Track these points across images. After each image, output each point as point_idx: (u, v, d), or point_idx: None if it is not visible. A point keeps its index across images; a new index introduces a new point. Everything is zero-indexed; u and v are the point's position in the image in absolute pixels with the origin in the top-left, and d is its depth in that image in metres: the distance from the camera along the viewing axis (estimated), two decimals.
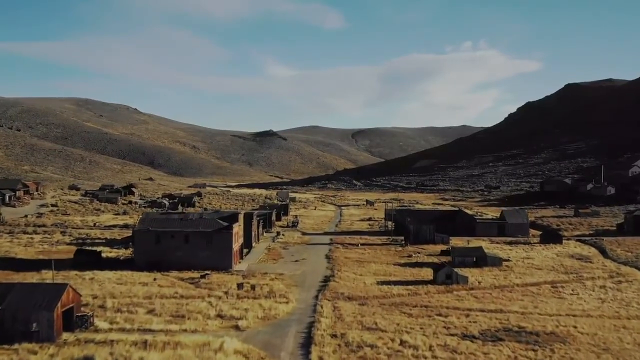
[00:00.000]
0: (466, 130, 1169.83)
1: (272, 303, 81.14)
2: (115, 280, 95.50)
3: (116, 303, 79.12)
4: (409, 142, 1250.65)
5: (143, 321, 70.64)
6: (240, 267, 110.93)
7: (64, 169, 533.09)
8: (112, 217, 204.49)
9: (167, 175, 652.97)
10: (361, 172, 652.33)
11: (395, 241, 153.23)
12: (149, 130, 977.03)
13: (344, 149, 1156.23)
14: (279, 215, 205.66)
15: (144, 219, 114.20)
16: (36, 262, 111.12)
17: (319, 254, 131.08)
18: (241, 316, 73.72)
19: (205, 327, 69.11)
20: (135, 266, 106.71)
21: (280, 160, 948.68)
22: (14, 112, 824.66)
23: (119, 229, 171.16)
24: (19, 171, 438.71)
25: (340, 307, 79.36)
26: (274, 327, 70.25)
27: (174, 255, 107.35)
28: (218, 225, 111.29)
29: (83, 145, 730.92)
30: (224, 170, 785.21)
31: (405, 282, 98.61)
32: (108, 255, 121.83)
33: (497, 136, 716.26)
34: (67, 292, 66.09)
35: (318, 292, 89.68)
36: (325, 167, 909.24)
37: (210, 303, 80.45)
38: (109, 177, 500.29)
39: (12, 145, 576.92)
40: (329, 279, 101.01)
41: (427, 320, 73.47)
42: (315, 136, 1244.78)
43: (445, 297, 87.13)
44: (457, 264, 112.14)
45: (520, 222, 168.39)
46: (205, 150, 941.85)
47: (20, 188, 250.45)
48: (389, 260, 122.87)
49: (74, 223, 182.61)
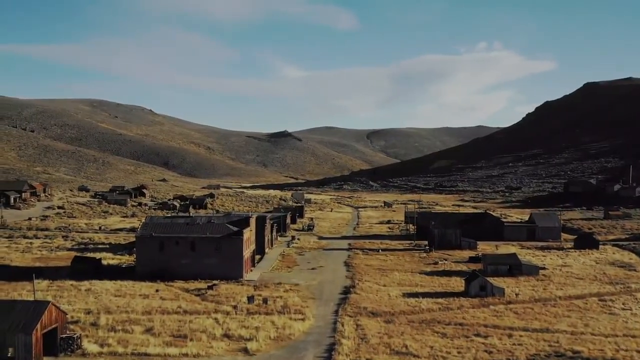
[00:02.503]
0: (482, 131, 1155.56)
1: (286, 320, 71.85)
2: (114, 292, 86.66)
3: (111, 320, 70.22)
4: (424, 143, 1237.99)
5: (139, 343, 61.74)
6: (251, 277, 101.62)
7: (76, 170, 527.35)
8: (120, 220, 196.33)
9: (181, 176, 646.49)
10: (377, 173, 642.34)
11: (419, 246, 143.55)
12: (163, 131, 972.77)
13: (359, 150, 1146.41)
14: (293, 217, 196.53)
15: (147, 224, 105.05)
16: (31, 270, 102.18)
17: (337, 261, 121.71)
18: (251, 336, 64.56)
19: (209, 351, 59.97)
20: (137, 275, 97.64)
21: (295, 161, 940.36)
22: (28, 114, 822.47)
23: (125, 232, 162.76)
24: (30, 172, 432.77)
25: (363, 325, 69.85)
26: (288, 351, 60.96)
27: (179, 264, 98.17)
28: (227, 231, 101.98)
29: (97, 146, 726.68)
30: (239, 171, 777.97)
31: (434, 294, 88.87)
32: (109, 262, 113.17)
33: (515, 136, 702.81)
34: (49, 311, 57.13)
35: (338, 307, 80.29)
36: (340, 168, 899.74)
37: (216, 320, 71.34)
38: (122, 179, 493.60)
39: (25, 147, 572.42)
40: (349, 290, 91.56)
41: (465, 342, 63.80)
42: (330, 137, 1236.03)
43: (481, 312, 77.39)
44: (490, 272, 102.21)
45: (551, 225, 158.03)
46: (220, 151, 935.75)
47: (27, 189, 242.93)
48: (414, 268, 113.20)
49: (79, 226, 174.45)
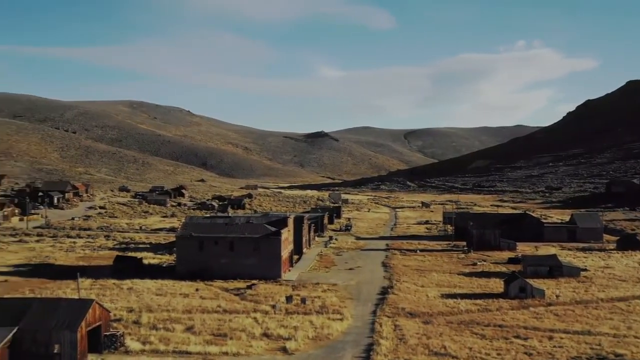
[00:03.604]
0: (521, 130, 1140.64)
1: (324, 320, 72.10)
2: (155, 291, 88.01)
3: (152, 318, 71.29)
4: (463, 143, 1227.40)
5: (180, 341, 62.56)
6: (289, 277, 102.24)
7: (117, 170, 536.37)
8: (160, 220, 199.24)
9: (219, 176, 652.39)
10: (415, 173, 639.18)
11: (457, 247, 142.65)
12: (201, 132, 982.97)
13: (396, 150, 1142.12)
14: (331, 218, 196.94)
15: (187, 224, 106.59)
16: (74, 268, 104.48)
17: (375, 261, 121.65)
18: (290, 336, 64.95)
19: (249, 350, 60.53)
20: (177, 275, 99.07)
21: (332, 161, 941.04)
22: (70, 115, 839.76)
23: (165, 232, 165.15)
24: (73, 173, 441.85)
25: (402, 326, 69.75)
26: (327, 351, 61.21)
27: (218, 264, 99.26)
28: (266, 231, 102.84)
29: (137, 147, 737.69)
30: (276, 171, 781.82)
31: (473, 295, 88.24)
32: (150, 261, 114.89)
33: (555, 135, 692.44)
34: (93, 309, 58.40)
35: (376, 307, 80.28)
36: (377, 168, 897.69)
37: (255, 319, 71.89)
38: (161, 179, 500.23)
39: (67, 148, 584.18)
40: (387, 290, 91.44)
41: (504, 344, 63.25)
42: (366, 137, 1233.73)
43: (521, 314, 76.55)
44: (530, 274, 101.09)
45: (592, 226, 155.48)
46: (257, 151, 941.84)
47: (70, 190, 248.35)
48: (452, 269, 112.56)
49: (120, 226, 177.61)
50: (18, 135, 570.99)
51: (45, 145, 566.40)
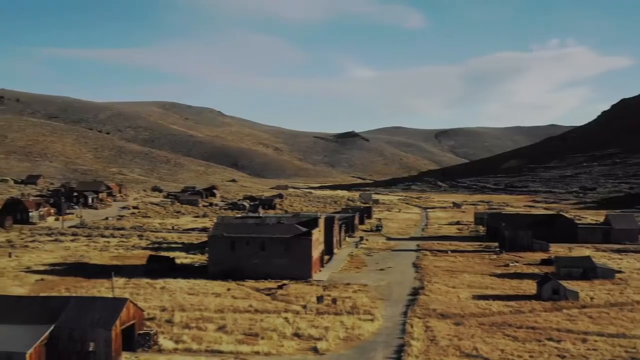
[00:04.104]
0: (555, 130, 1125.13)
1: (355, 320, 72.26)
2: (187, 290, 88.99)
3: (185, 317, 72.14)
4: (495, 142, 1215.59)
5: (212, 340, 63.21)
6: (320, 277, 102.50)
7: (149, 170, 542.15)
8: (192, 220, 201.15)
9: (250, 176, 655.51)
10: (446, 173, 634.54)
11: (489, 248, 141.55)
12: (232, 132, 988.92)
13: (427, 150, 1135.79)
14: (362, 218, 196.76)
15: (219, 224, 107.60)
16: (109, 268, 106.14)
17: (406, 262, 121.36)
18: (321, 336, 65.18)
19: (280, 349, 60.91)
20: (209, 274, 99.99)
21: (363, 162, 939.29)
22: (104, 116, 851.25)
23: (197, 232, 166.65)
24: (106, 173, 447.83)
25: (433, 327, 69.52)
26: (358, 351, 61.30)
27: (250, 263, 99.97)
28: (297, 231, 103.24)
29: (169, 148, 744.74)
30: (306, 171, 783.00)
31: (505, 296, 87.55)
32: (182, 261, 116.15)
33: (590, 135, 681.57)
34: (127, 308, 59.26)
35: (406, 308, 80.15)
36: (408, 168, 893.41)
37: (286, 319, 72.32)
38: (193, 179, 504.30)
39: (101, 148, 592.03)
40: (418, 291, 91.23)
41: (537, 346, 62.70)
42: (397, 137, 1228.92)
43: (554, 316, 75.75)
44: (563, 276, 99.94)
45: (628, 227, 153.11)
46: (288, 151, 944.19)
47: (104, 190, 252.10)
48: (484, 270, 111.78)
49: (153, 226, 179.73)
50: (53, 136, 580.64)
51: (79, 146, 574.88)
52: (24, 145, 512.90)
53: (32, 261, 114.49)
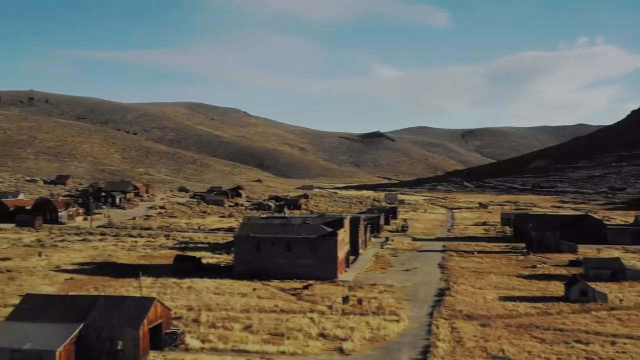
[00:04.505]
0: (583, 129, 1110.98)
1: (380, 321, 72.15)
2: (213, 290, 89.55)
3: (211, 317, 72.62)
4: (522, 142, 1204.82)
5: (238, 340, 63.55)
6: (345, 277, 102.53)
7: (176, 171, 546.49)
8: (217, 220, 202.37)
9: (276, 177, 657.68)
10: (472, 174, 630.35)
11: (516, 249, 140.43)
12: (258, 132, 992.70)
13: (453, 150, 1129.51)
14: (387, 218, 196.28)
15: (244, 224, 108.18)
16: (136, 267, 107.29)
17: (432, 263, 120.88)
18: (346, 336, 65.19)
19: (306, 349, 61.07)
20: (235, 274, 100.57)
21: (388, 162, 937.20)
22: (131, 117, 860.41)
23: (222, 232, 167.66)
24: (133, 173, 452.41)
25: (459, 328, 69.15)
26: (383, 352, 61.21)
27: (275, 264, 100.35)
28: (322, 232, 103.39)
29: (195, 148, 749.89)
30: (332, 171, 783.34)
31: (532, 298, 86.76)
32: (209, 261, 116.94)
33: (619, 135, 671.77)
34: (154, 307, 59.85)
35: (432, 309, 79.82)
36: (434, 169, 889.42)
37: (312, 319, 72.44)
38: (218, 179, 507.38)
39: (128, 149, 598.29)
40: (443, 292, 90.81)
41: (565, 349, 62.03)
42: (423, 137, 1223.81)
43: (582, 318, 74.84)
44: (591, 277, 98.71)
45: None
46: (313, 151, 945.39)
47: (131, 190, 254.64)
48: (511, 271, 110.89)
49: (179, 226, 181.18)
50: (82, 136, 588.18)
51: (107, 147, 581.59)
52: (53, 146, 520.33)
53: (61, 260, 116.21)
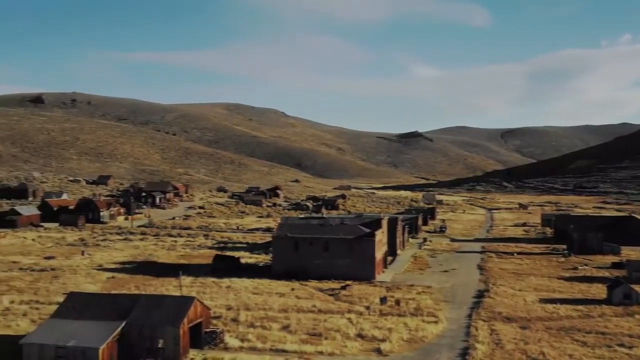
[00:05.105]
0: (627, 128, 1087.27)
1: (419, 322, 71.89)
2: (252, 290, 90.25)
3: (250, 316, 73.26)
4: (563, 142, 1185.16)
5: (276, 339, 64.00)
6: (383, 278, 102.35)
7: (214, 171, 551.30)
8: (255, 220, 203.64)
9: (313, 177, 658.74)
10: (512, 174, 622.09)
11: (557, 250, 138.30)
12: (296, 132, 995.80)
13: (492, 150, 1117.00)
14: (425, 219, 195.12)
15: (283, 225, 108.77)
16: (176, 266, 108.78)
17: (470, 264, 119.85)
18: (384, 337, 65.18)
19: (344, 350, 61.25)
20: (273, 274, 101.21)
21: (426, 162, 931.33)
22: (171, 118, 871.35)
23: (261, 232, 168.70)
24: (173, 174, 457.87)
25: (498, 331, 68.53)
26: (422, 354, 61.02)
27: (313, 264, 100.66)
28: (360, 232, 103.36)
29: (233, 148, 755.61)
30: (369, 171, 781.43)
31: (574, 300, 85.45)
32: (247, 261, 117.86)
33: None
34: (194, 306, 60.65)
35: (471, 310, 79.22)
36: (472, 169, 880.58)
37: (350, 320, 72.59)
38: (256, 179, 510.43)
39: (168, 149, 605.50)
40: (482, 294, 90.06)
41: (607, 352, 61.06)
42: (462, 137, 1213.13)
43: (625, 321, 73.51)
44: (635, 280, 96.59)
45: None
46: (351, 152, 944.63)
47: (170, 190, 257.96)
48: (551, 273, 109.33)
49: (218, 226, 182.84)
50: (123, 137, 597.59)
51: (147, 147, 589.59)
52: (95, 147, 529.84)
53: (103, 259, 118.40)
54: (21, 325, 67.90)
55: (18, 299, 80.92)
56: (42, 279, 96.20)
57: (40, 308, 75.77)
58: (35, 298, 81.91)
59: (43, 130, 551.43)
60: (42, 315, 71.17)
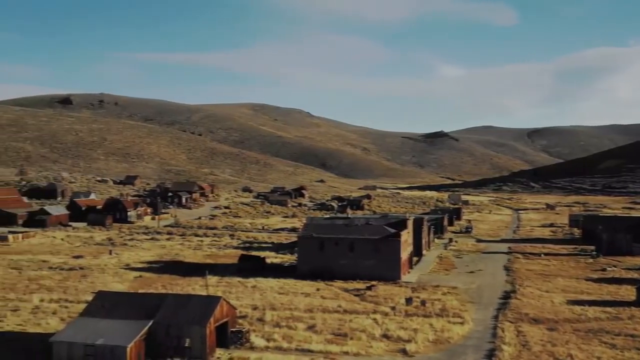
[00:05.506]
0: None
1: (444, 323, 71.55)
2: (278, 290, 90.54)
3: (275, 316, 73.49)
4: (591, 141, 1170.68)
5: (302, 339, 64.10)
6: (409, 278, 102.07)
7: (240, 171, 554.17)
8: (281, 220, 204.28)
9: (338, 177, 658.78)
10: (539, 174, 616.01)
11: (585, 251, 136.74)
12: (321, 133, 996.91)
13: (519, 150, 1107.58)
14: (451, 219, 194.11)
15: (308, 225, 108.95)
16: (202, 266, 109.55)
17: (497, 265, 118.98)
18: (409, 338, 64.94)
19: (369, 350, 61.18)
20: (298, 274, 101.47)
21: (452, 162, 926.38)
22: (197, 118, 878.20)
23: (286, 232, 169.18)
24: (198, 174, 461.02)
25: (525, 332, 67.95)
26: (447, 354, 60.73)
27: (338, 264, 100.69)
28: (385, 232, 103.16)
29: (259, 149, 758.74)
30: (394, 171, 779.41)
31: (602, 302, 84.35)
32: (272, 261, 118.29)
33: None
34: (220, 306, 61.02)
35: (497, 312, 78.61)
36: (499, 169, 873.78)
37: (375, 320, 72.45)
38: (282, 179, 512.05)
39: (194, 149, 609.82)
40: (509, 295, 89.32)
41: (636, 355, 60.25)
42: (488, 136, 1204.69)
43: None
44: None
45: None
46: (376, 152, 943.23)
47: (196, 190, 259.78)
48: (579, 275, 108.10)
49: (243, 226, 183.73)
50: (149, 137, 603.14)
51: (173, 147, 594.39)
52: (122, 147, 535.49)
53: (130, 259, 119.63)
54: (51, 323, 68.88)
55: (48, 298, 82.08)
56: (71, 278, 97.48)
57: (69, 306, 76.85)
58: (64, 297, 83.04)
59: (71, 130, 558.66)
60: (71, 313, 72.19)
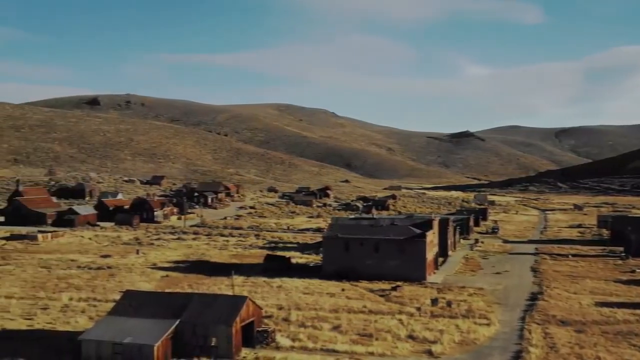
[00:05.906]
0: None
1: (470, 324, 71.12)
2: (303, 290, 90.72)
3: (301, 316, 73.64)
4: (620, 141, 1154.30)
5: (327, 339, 64.18)
6: (434, 279, 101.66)
7: (265, 171, 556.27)
8: (306, 220, 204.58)
9: (363, 177, 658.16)
10: (566, 174, 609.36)
11: (613, 253, 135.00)
12: (345, 133, 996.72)
13: (546, 149, 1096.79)
14: (477, 220, 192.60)
15: (333, 225, 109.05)
16: (228, 266, 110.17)
17: (523, 266, 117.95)
18: (435, 339, 64.67)
19: (394, 351, 61.05)
20: (324, 274, 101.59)
21: (478, 162, 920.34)
22: (222, 119, 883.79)
23: (311, 232, 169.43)
24: (224, 174, 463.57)
25: (552, 334, 67.31)
26: (473, 356, 60.39)
27: (363, 264, 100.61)
28: (410, 233, 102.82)
29: (284, 149, 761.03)
30: (419, 172, 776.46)
31: (632, 304, 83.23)
32: (298, 261, 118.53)
33: None
34: (246, 306, 61.35)
35: (524, 313, 77.94)
36: (525, 169, 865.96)
37: (400, 321, 72.24)
38: (307, 180, 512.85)
39: (219, 150, 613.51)
40: (536, 296, 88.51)
41: None
42: (514, 136, 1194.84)
43: None
44: None
45: None
46: (401, 152, 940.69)
47: (222, 190, 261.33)
48: (608, 276, 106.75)
49: (269, 226, 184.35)
50: (175, 138, 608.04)
51: (199, 148, 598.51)
52: (149, 147, 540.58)
53: (157, 258, 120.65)
54: (79, 321, 69.77)
55: (76, 296, 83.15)
56: (99, 277, 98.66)
57: (98, 305, 77.80)
58: (92, 295, 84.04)
59: (99, 131, 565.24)
60: (99, 312, 73.09)
